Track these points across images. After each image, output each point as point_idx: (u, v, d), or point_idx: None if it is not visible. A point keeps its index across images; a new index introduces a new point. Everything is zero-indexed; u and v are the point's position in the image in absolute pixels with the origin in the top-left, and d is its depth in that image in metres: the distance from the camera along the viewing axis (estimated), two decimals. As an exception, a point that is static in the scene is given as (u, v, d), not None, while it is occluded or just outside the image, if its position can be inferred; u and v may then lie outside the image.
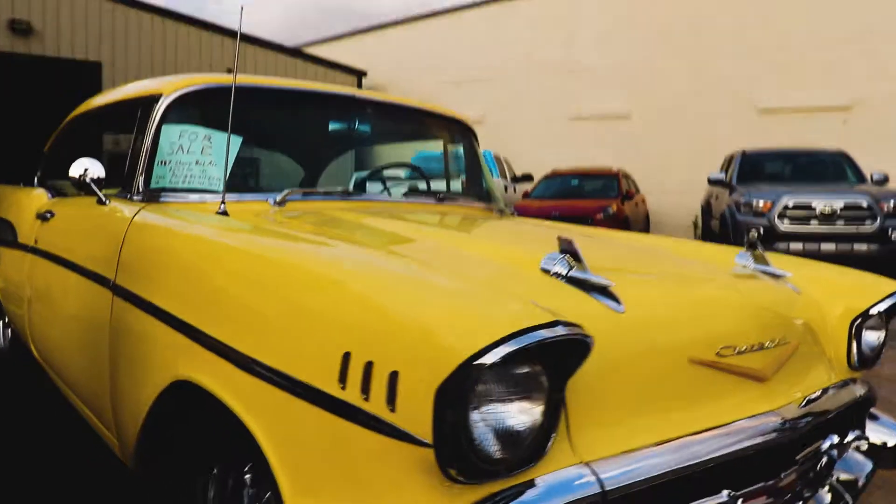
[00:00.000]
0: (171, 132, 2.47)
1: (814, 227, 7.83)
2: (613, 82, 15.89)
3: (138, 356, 1.99)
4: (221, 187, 2.40)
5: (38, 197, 3.40)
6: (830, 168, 9.47)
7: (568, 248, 1.68)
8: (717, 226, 9.54)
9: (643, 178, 14.40)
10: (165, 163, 2.44)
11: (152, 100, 2.56)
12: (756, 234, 2.26)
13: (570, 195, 12.19)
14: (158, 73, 16.11)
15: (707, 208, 11.34)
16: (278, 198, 2.39)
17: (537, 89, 17.11)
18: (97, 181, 2.56)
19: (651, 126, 15.34)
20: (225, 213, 2.08)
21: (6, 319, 4.04)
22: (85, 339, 2.45)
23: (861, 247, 7.66)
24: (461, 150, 3.35)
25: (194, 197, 2.39)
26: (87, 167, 2.57)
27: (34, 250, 3.10)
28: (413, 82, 19.65)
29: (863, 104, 12.28)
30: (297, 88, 2.78)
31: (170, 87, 2.54)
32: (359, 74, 19.40)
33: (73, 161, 4.02)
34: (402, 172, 3.53)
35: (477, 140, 3.39)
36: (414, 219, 2.37)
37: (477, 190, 3.20)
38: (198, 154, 2.43)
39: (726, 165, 10.47)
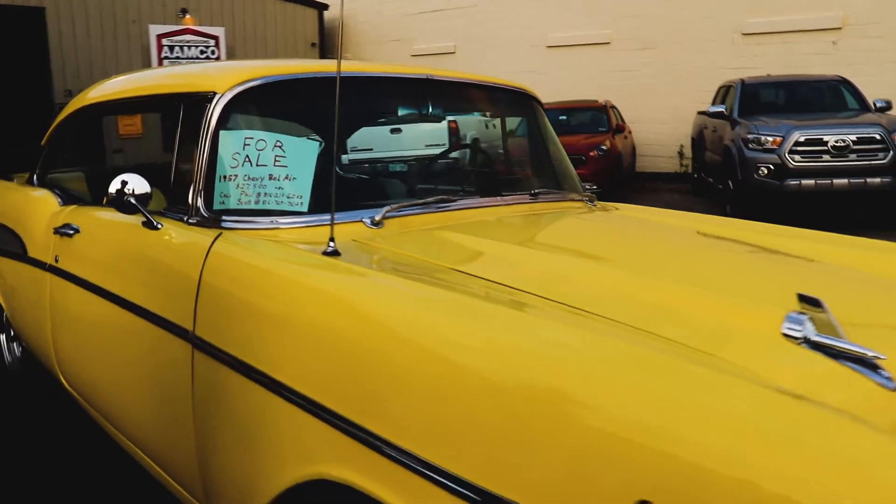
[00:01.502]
0: (231, 139, 2.06)
1: (826, 161, 7.62)
2: (591, 8, 15.30)
3: (250, 435, 1.65)
4: (304, 206, 2.01)
5: (47, 202, 2.95)
6: (831, 96, 9.23)
7: (812, 304, 1.37)
8: (719, 160, 9.28)
9: (625, 107, 14.03)
10: (229, 178, 2.03)
11: (201, 99, 2.13)
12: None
13: (559, 132, 11.76)
14: (108, 18, 15.11)
15: (700, 140, 11.08)
16: (377, 217, 2.01)
17: (510, 17, 16.43)
18: (141, 198, 2.15)
19: (631, 53, 14.86)
20: (336, 253, 1.69)
21: (11, 332, 3.62)
22: (153, 392, 2.09)
23: (874, 180, 7.48)
24: (525, 125, 2.98)
25: (264, 220, 1.99)
26: (127, 182, 2.15)
27: (55, 270, 2.68)
28: (376, 14, 18.80)
29: (853, 24, 11.97)
30: (371, 74, 2.35)
31: (223, 81, 2.11)
32: (319, 8, 18.42)
33: (70, 154, 3.56)
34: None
35: (544, 113, 3.02)
36: (554, 239, 2.01)
37: (553, 175, 2.83)
38: (270, 166, 2.02)
39: (722, 96, 10.16)
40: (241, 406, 1.68)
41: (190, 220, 2.06)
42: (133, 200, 2.12)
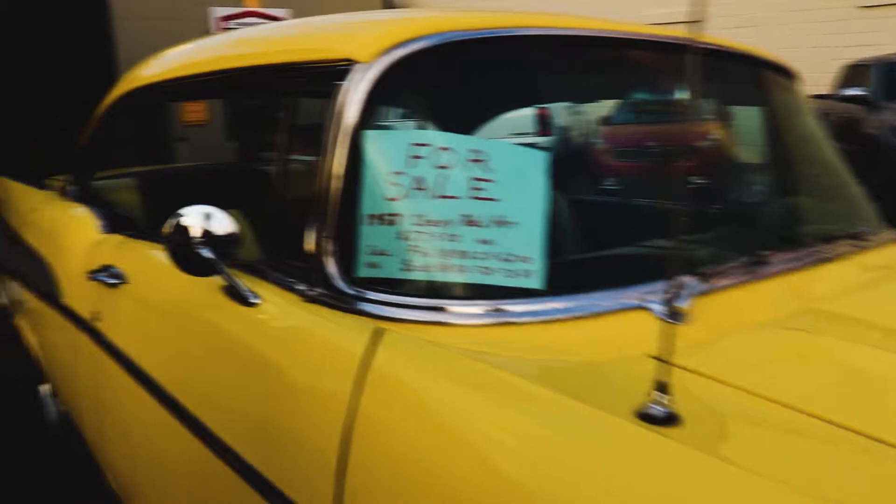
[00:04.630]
0: (386, 147, 1.12)
1: None
2: (685, -18, 13.98)
3: None
4: (536, 280, 1.07)
5: (84, 226, 2.07)
6: None
7: None
8: (855, 150, 8.02)
9: (723, 91, 12.74)
10: (384, 220, 1.10)
11: (325, 73, 1.20)
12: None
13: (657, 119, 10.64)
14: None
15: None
16: (680, 302, 1.04)
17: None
18: (221, 245, 1.23)
19: (728, 31, 13.54)
20: (671, 419, 0.74)
21: (51, 385, 2.79)
22: None
23: None
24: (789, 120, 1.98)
25: (452, 306, 1.05)
26: (203, 223, 1.23)
27: (94, 333, 1.80)
28: (451, -6, 17.79)
29: None
30: (601, 33, 1.38)
31: (366, 43, 1.17)
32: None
33: (119, 149, 2.67)
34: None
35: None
36: None
37: (844, 196, 1.81)
38: (464, 198, 1.08)
39: (851, 77, 8.85)
40: None
41: (311, 293, 1.14)
42: (208, 252, 1.20)
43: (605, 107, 1.94)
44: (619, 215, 1.55)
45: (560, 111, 1.65)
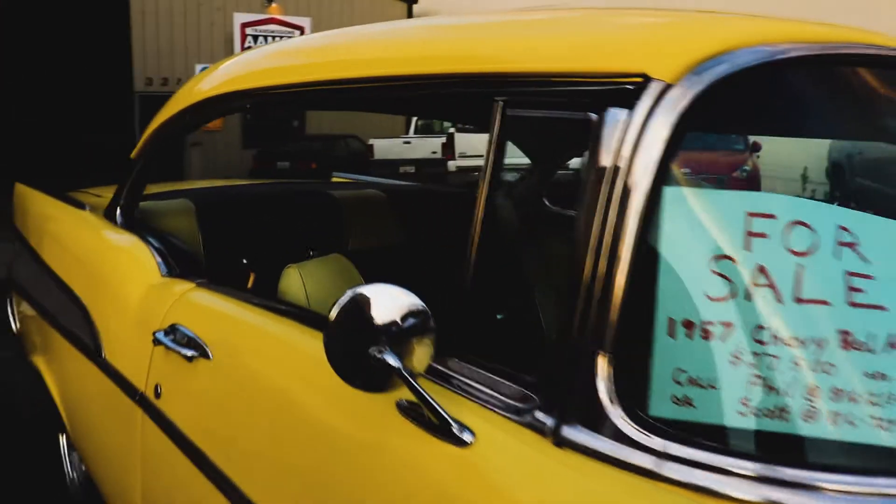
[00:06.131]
0: (706, 215, 0.72)
1: None
2: None
3: None
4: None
5: (138, 264, 1.64)
6: None
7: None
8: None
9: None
10: (702, 331, 0.69)
11: (595, 94, 0.80)
12: None
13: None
14: (192, 4, 14.06)
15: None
16: None
17: None
18: (406, 337, 0.81)
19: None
20: None
21: (67, 439, 2.35)
22: None
23: None
24: None
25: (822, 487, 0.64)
26: (371, 299, 0.81)
27: (154, 413, 1.38)
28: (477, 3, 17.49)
29: None
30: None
31: (669, 55, 0.76)
32: (409, 1, 17.13)
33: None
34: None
35: None
36: None
37: None
38: (840, 303, 0.67)
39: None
40: None
41: (564, 432, 0.73)
42: (393, 360, 0.78)
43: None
44: None
45: None
